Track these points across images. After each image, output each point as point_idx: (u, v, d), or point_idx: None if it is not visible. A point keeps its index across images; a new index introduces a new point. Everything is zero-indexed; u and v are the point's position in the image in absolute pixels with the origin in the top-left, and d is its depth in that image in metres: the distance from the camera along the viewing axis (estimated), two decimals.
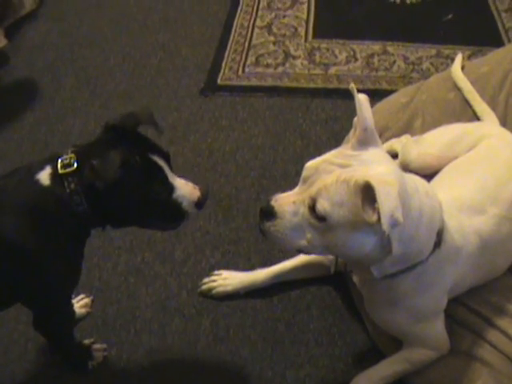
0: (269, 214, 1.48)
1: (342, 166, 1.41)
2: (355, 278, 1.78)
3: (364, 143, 1.44)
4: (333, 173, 1.40)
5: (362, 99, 1.44)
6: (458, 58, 2.54)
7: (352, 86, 1.46)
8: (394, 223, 1.29)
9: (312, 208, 1.40)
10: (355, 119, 1.46)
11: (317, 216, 1.40)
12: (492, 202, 1.74)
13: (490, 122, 2.19)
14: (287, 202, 1.46)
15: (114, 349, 1.99)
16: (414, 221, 1.44)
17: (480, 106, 2.28)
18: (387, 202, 1.29)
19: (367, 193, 1.33)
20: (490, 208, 1.73)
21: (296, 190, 1.49)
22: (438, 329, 1.76)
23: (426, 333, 1.76)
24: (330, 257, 1.89)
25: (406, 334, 1.77)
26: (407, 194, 1.40)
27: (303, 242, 1.47)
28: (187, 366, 1.95)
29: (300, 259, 2.07)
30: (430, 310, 1.72)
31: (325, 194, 1.38)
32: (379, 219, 1.30)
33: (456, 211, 1.67)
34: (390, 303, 1.68)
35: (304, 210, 1.43)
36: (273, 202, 1.48)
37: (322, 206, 1.37)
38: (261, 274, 2.10)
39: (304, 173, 1.47)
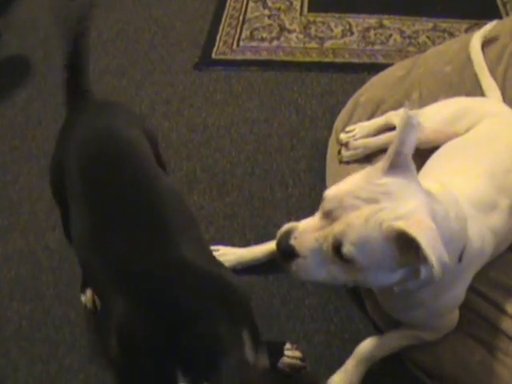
0: (289, 253, 1.37)
1: (369, 201, 1.31)
2: None
3: (395, 166, 1.34)
4: (359, 210, 1.30)
5: (409, 118, 1.31)
6: (483, 29, 2.46)
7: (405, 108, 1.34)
8: (444, 266, 1.23)
9: (336, 248, 1.31)
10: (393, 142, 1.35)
11: (342, 257, 1.31)
12: (501, 192, 1.70)
13: (493, 98, 2.16)
14: (309, 240, 1.36)
15: None
16: None
17: (487, 81, 2.25)
18: (434, 249, 1.21)
19: (402, 237, 1.26)
20: (500, 199, 1.69)
21: (316, 221, 1.38)
22: (451, 319, 1.75)
23: (439, 325, 1.76)
24: None
25: (419, 325, 1.76)
26: (439, 228, 1.29)
27: (328, 278, 1.39)
28: None
29: None
30: (451, 307, 1.72)
31: (351, 236, 1.29)
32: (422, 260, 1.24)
33: (474, 211, 1.60)
34: (410, 305, 1.66)
35: (327, 248, 1.34)
36: (292, 241, 1.37)
37: (349, 250, 1.29)
38: (259, 250, 2.08)
39: (326, 204, 1.35)
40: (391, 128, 2.19)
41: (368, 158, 2.21)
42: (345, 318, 1.97)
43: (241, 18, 3.22)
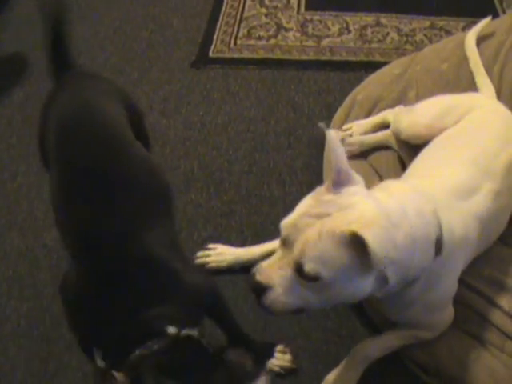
0: (259, 289, 1.40)
1: (321, 216, 1.35)
2: None
3: (340, 184, 1.39)
4: (313, 227, 1.33)
5: (332, 137, 1.38)
6: (477, 27, 2.46)
7: (321, 124, 1.43)
8: (392, 262, 1.28)
9: (299, 270, 1.34)
10: (330, 161, 1.40)
11: (307, 277, 1.34)
12: (485, 177, 1.71)
13: (484, 93, 2.17)
14: (273, 271, 1.39)
15: None
16: (406, 250, 1.37)
17: (481, 78, 2.24)
18: (380, 245, 1.26)
19: (355, 240, 1.29)
20: (484, 183, 1.70)
21: (278, 253, 1.41)
22: (448, 314, 1.76)
23: (437, 321, 1.76)
24: None
25: (417, 323, 1.76)
26: (393, 227, 1.34)
27: (302, 303, 1.41)
28: None
29: None
30: (444, 299, 1.72)
31: (310, 253, 1.32)
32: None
33: (454, 200, 1.63)
34: (404, 304, 1.66)
35: (292, 273, 1.36)
36: (258, 277, 1.40)
37: (310, 267, 1.32)
38: (257, 251, 2.06)
39: (283, 233, 1.39)
40: (388, 126, 2.20)
41: (363, 154, 2.22)
42: (342, 314, 1.97)
43: (238, 16, 3.22)
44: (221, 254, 2.09)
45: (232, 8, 3.28)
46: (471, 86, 2.27)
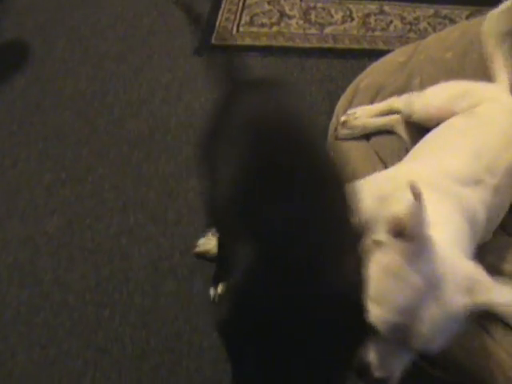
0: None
1: (428, 291, 1.31)
2: None
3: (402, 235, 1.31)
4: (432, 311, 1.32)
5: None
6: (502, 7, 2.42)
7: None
8: None
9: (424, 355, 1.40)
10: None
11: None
12: (487, 172, 1.69)
13: (498, 86, 2.15)
14: (391, 360, 1.38)
15: (106, 310, 1.98)
16: None
17: (498, 69, 2.23)
18: None
19: None
20: (485, 178, 1.68)
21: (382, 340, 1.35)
22: None
23: None
24: None
25: None
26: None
27: None
28: (180, 327, 1.94)
29: None
30: None
31: (439, 339, 1.36)
32: None
33: (462, 188, 1.61)
34: None
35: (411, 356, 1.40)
36: (378, 373, 1.37)
37: (438, 348, 1.37)
38: None
39: (391, 320, 1.31)
40: (394, 113, 2.19)
41: (366, 136, 2.20)
42: None
43: (240, 3, 3.20)
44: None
45: None
46: (476, 74, 2.25)
